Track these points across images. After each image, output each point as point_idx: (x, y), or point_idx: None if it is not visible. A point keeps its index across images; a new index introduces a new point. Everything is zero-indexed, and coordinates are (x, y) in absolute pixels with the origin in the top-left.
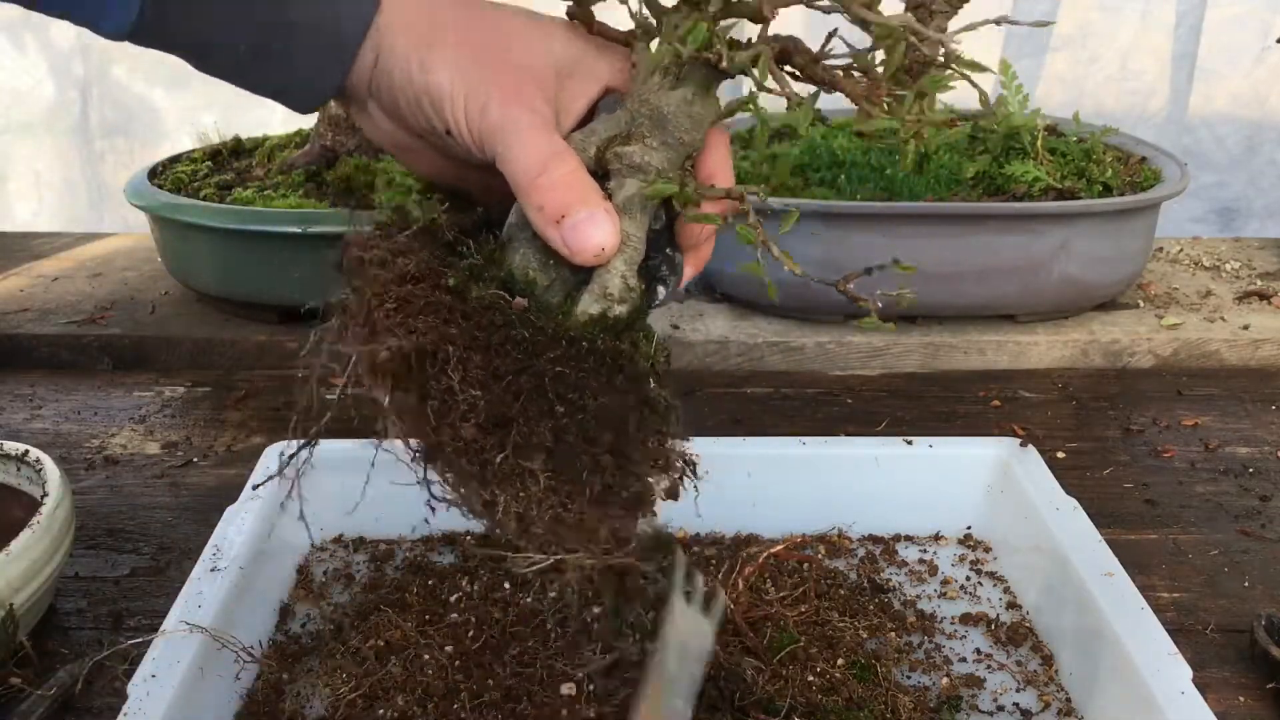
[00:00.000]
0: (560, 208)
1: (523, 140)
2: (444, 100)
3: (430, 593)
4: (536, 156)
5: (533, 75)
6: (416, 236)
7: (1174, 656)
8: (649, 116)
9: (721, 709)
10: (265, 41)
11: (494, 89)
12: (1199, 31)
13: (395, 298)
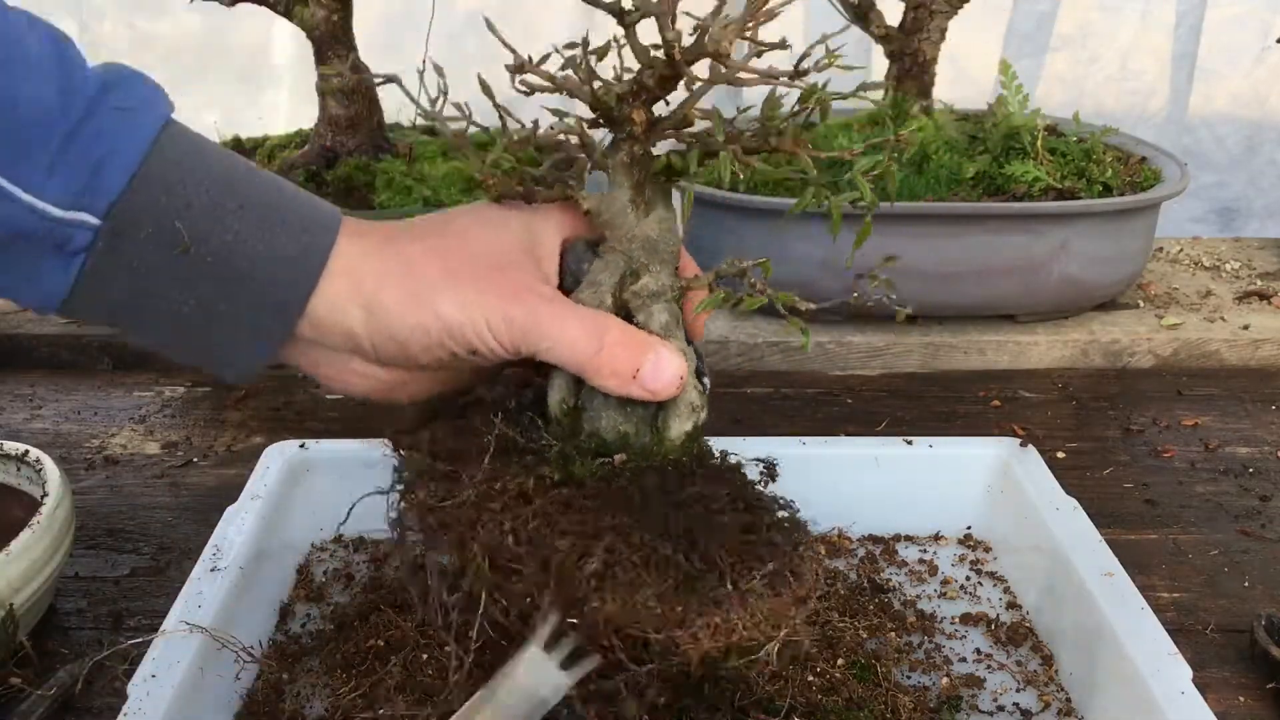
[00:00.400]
0: (630, 366)
1: (561, 329)
2: (463, 329)
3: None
4: (583, 337)
5: (519, 268)
6: (481, 458)
7: (1174, 656)
8: (642, 247)
9: (722, 709)
10: (212, 299)
11: (502, 299)
12: (1199, 31)
13: (532, 519)
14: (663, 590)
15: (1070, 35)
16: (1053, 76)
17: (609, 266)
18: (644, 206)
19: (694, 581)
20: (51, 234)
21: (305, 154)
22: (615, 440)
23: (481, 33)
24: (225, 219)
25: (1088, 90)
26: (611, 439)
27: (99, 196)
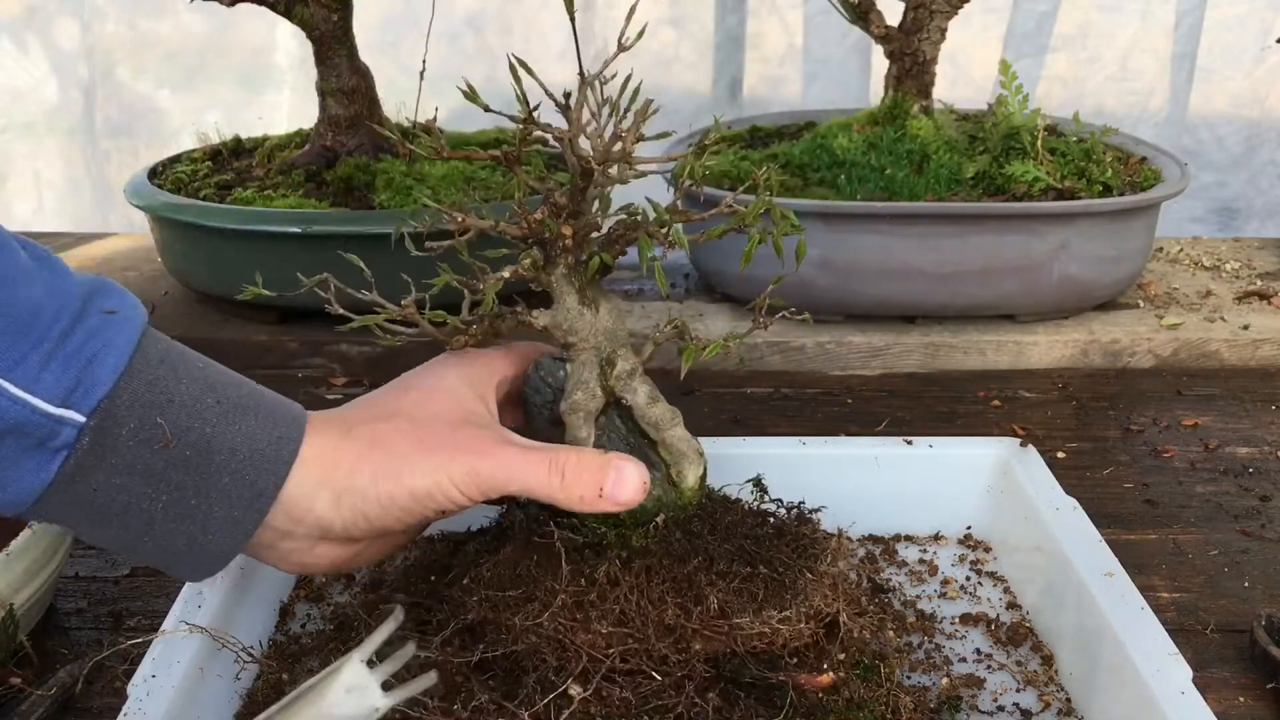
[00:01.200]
0: (593, 489)
1: (525, 472)
2: (431, 494)
3: (430, 593)
4: (544, 475)
5: (474, 420)
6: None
7: (1174, 657)
8: (605, 338)
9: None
10: (186, 494)
11: (465, 456)
12: (1199, 31)
13: (630, 594)
14: (764, 596)
15: (1070, 35)
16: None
17: (587, 365)
18: (592, 304)
19: (778, 584)
20: (40, 430)
21: (305, 154)
22: (652, 505)
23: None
24: (205, 414)
25: (1088, 90)
26: (650, 505)
27: (89, 393)
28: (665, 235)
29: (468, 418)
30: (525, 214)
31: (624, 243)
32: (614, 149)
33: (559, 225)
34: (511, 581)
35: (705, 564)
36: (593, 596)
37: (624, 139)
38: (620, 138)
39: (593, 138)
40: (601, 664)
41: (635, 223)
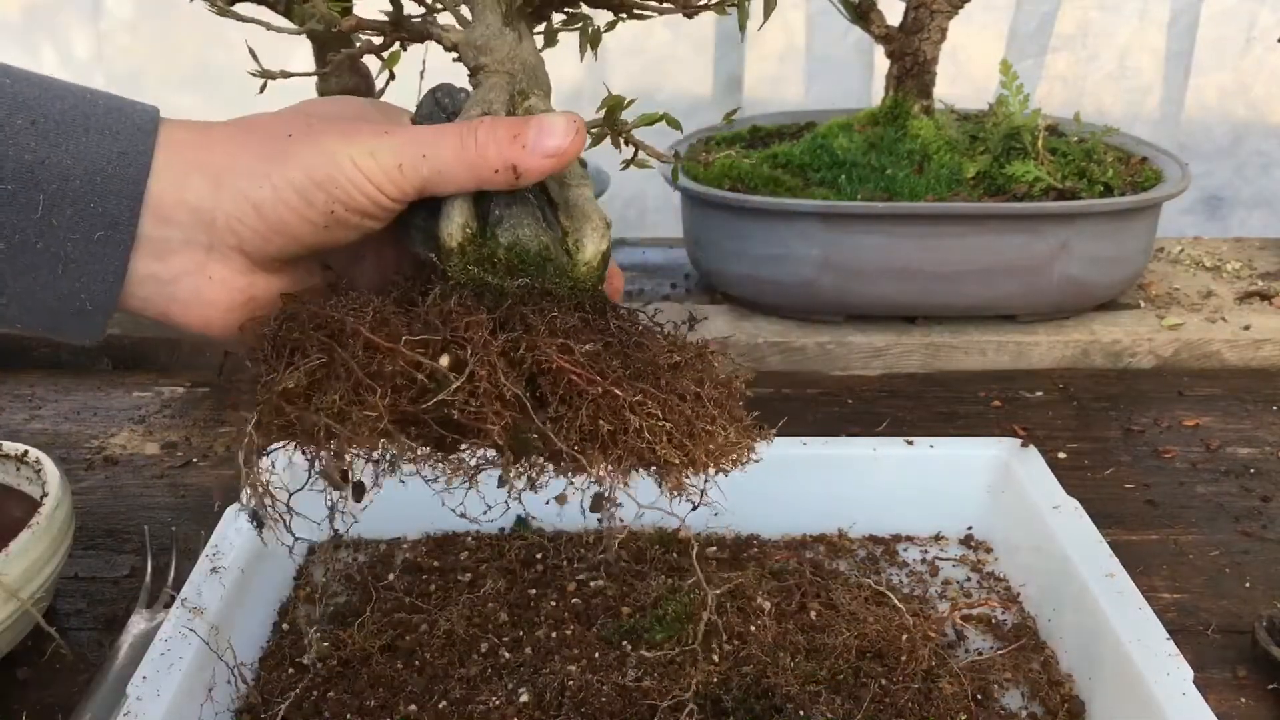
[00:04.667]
0: (508, 134)
1: (434, 144)
2: (333, 178)
3: (430, 593)
4: (454, 142)
5: (366, 115)
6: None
7: (1175, 657)
8: (522, 71)
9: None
10: (29, 237)
11: (364, 136)
12: (1194, 29)
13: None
14: None
15: (1070, 35)
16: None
17: (494, 88)
18: (517, 34)
19: None
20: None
21: None
22: (538, 251)
23: None
24: (18, 138)
25: (1088, 89)
26: (534, 249)
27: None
28: None
29: (373, 118)
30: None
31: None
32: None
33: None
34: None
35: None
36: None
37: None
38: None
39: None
40: None
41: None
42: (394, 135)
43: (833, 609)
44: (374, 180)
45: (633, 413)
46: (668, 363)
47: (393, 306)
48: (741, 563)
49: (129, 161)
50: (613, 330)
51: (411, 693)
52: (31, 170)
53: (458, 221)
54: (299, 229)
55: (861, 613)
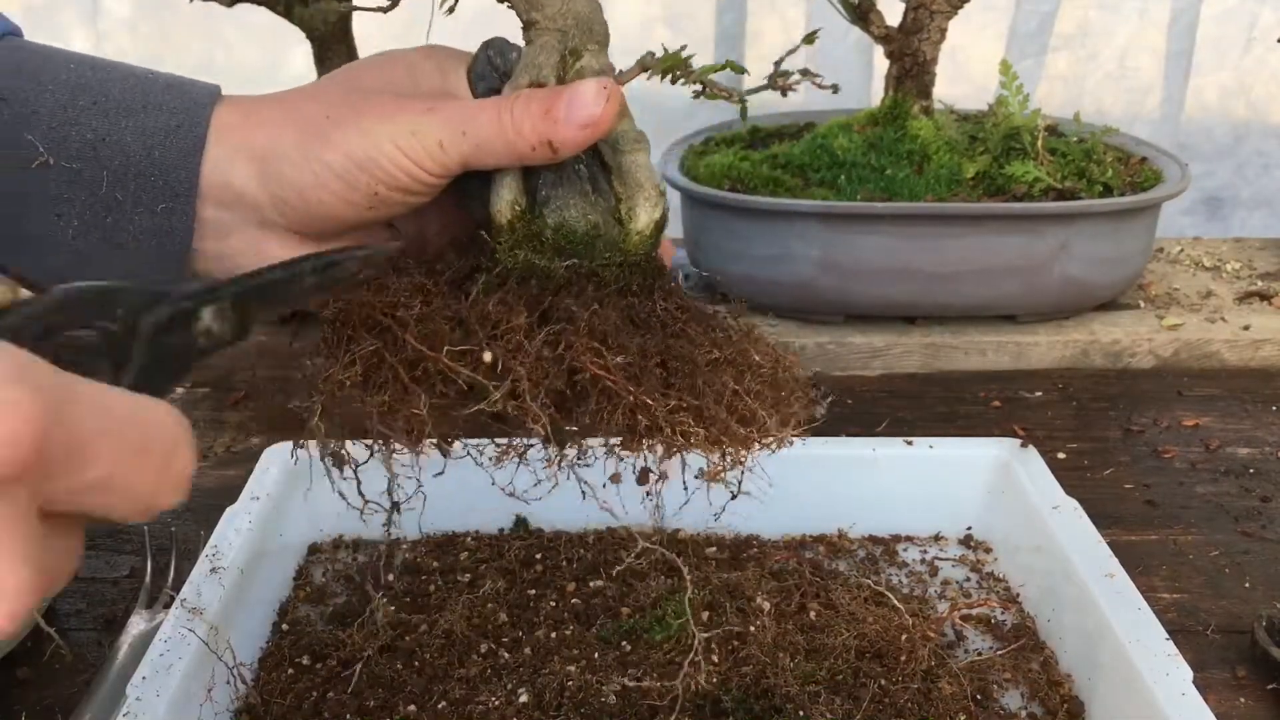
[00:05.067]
0: (541, 109)
1: (474, 120)
2: (375, 160)
3: (430, 594)
4: (492, 118)
5: (423, 91)
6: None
7: (1174, 657)
8: (576, 25)
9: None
10: (97, 212)
11: (406, 114)
12: (1194, 29)
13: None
14: None
15: (1070, 34)
16: (1053, 76)
17: (544, 49)
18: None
19: None
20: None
21: None
22: (586, 231)
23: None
24: (80, 118)
25: (1087, 89)
26: (582, 229)
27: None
28: None
29: (418, 92)
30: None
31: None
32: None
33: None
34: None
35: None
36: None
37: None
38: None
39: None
40: None
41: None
42: (435, 112)
43: (832, 609)
44: (415, 159)
45: (666, 420)
46: (706, 359)
47: (443, 294)
48: (741, 563)
49: (184, 134)
50: (657, 316)
51: (411, 693)
52: (94, 148)
53: (506, 199)
54: (343, 210)
55: (861, 613)
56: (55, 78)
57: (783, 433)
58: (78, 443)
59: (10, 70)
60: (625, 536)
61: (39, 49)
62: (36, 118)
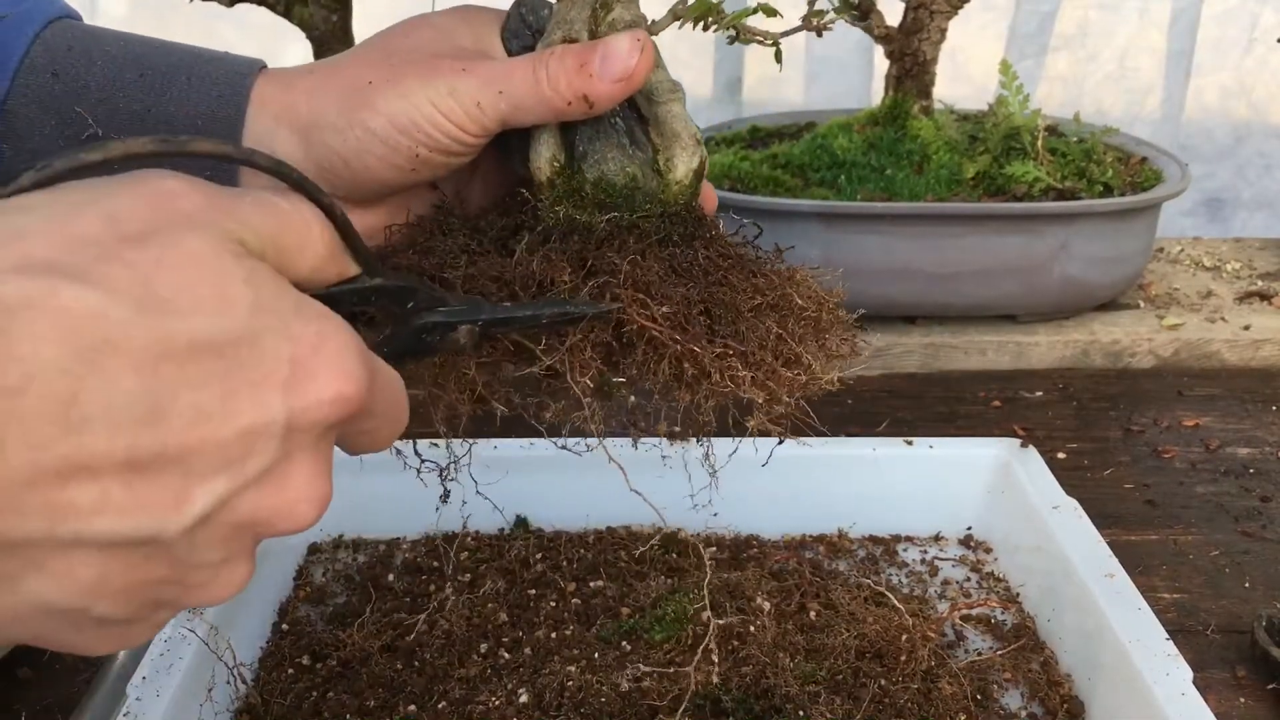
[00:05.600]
0: (575, 64)
1: (509, 79)
2: (416, 123)
3: (430, 594)
4: (527, 75)
5: (461, 55)
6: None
7: (1174, 657)
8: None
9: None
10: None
11: (445, 77)
12: (1195, 29)
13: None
14: None
15: (1070, 35)
16: (1053, 76)
17: (576, 3)
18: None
19: None
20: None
21: None
22: (625, 184)
23: None
24: (128, 90)
25: (1087, 89)
26: (621, 182)
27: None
28: None
29: (455, 52)
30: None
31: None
32: None
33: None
34: None
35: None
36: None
37: None
38: None
39: None
40: None
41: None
42: (471, 72)
43: (832, 609)
44: (454, 120)
45: (714, 366)
46: (749, 305)
47: (488, 254)
48: (741, 563)
49: (226, 103)
50: (699, 265)
51: (411, 693)
52: (140, 119)
53: (545, 155)
54: (387, 174)
55: (861, 613)
56: (104, 53)
57: (828, 372)
58: (370, 404)
59: (62, 49)
60: (625, 536)
61: (89, 28)
62: (86, 91)
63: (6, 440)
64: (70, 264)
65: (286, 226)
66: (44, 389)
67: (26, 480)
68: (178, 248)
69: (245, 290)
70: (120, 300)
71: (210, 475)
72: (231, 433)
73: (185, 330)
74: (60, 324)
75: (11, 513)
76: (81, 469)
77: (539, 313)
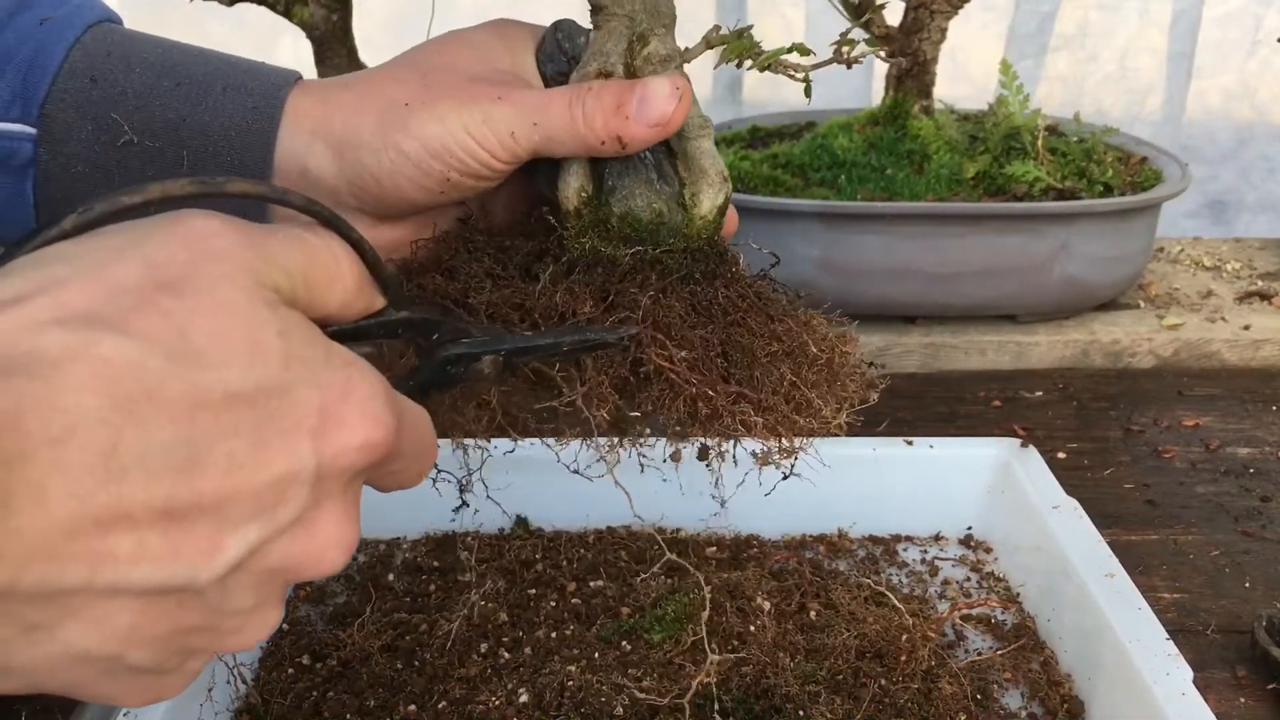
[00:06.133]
0: (613, 104)
1: (544, 111)
2: (449, 148)
3: (430, 594)
4: (563, 110)
5: (495, 77)
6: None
7: (1174, 657)
8: (644, 9)
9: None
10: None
11: (479, 102)
12: (1196, 30)
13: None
14: None
15: (1070, 35)
16: (1053, 76)
17: (612, 35)
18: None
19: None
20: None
21: None
22: (650, 219)
23: None
24: (164, 99)
25: (1087, 89)
26: (647, 218)
27: (29, 104)
28: None
29: (491, 74)
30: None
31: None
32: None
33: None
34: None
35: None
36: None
37: None
38: None
39: None
40: None
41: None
42: (507, 101)
43: (832, 609)
44: (487, 147)
45: (727, 410)
46: (765, 351)
47: (511, 280)
48: (741, 563)
49: (260, 115)
50: (718, 304)
51: (411, 693)
52: (175, 128)
53: (574, 186)
54: (416, 195)
55: (861, 613)
56: (143, 60)
57: (837, 418)
58: (398, 447)
59: (101, 54)
60: (625, 536)
61: (129, 34)
62: (124, 98)
63: (49, 489)
64: (108, 314)
65: (316, 261)
66: (85, 439)
67: (69, 530)
68: (213, 297)
69: (278, 341)
70: (157, 351)
71: (243, 523)
72: (264, 481)
73: (219, 381)
74: (100, 375)
75: (53, 561)
76: (121, 518)
77: (559, 340)
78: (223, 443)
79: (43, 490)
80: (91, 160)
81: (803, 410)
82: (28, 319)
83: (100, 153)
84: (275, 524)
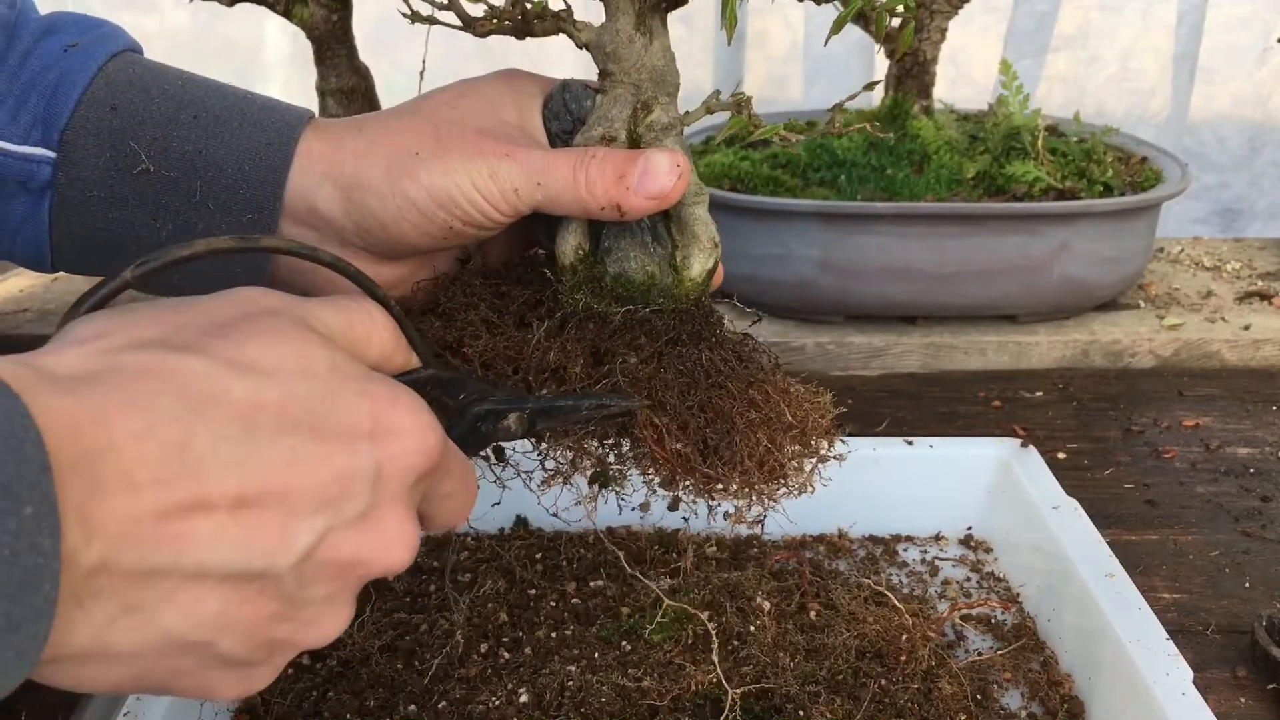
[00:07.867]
0: (615, 174)
1: (549, 171)
2: (454, 199)
3: (430, 593)
4: (567, 172)
5: (504, 131)
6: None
7: (1174, 657)
8: (649, 79)
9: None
10: (188, 219)
11: (486, 157)
12: (1200, 32)
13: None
14: None
15: (1071, 35)
16: (1053, 76)
17: (618, 101)
18: (648, 35)
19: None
20: (16, 172)
21: None
22: (643, 280)
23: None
24: (182, 132)
25: (1088, 90)
26: (640, 280)
27: (50, 128)
28: None
29: (499, 128)
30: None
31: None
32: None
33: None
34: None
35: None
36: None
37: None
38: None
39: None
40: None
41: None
42: (514, 158)
43: (832, 609)
44: (491, 201)
45: (703, 485)
46: (744, 420)
47: (506, 329)
48: (741, 563)
49: (273, 152)
50: (701, 367)
51: (411, 693)
52: (191, 160)
53: (571, 243)
54: (419, 239)
55: (861, 613)
56: (163, 91)
57: (805, 477)
58: (445, 468)
59: (123, 83)
60: (625, 536)
61: (151, 64)
62: (143, 128)
63: (136, 476)
64: (175, 340)
65: (354, 320)
66: (163, 434)
67: (157, 514)
68: (263, 324)
69: (323, 353)
70: (219, 364)
71: (310, 513)
72: (327, 475)
73: (274, 385)
74: (171, 382)
75: (145, 542)
76: (199, 503)
77: (579, 404)
78: (284, 438)
79: (131, 477)
80: (108, 186)
81: (773, 476)
82: (108, 346)
83: (116, 179)
84: (341, 516)
